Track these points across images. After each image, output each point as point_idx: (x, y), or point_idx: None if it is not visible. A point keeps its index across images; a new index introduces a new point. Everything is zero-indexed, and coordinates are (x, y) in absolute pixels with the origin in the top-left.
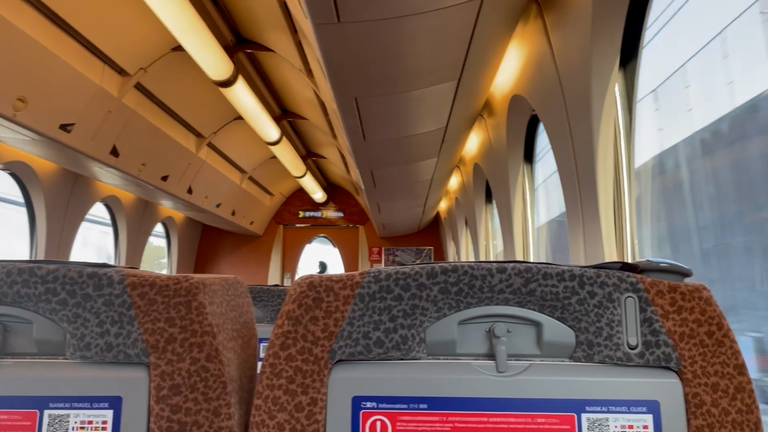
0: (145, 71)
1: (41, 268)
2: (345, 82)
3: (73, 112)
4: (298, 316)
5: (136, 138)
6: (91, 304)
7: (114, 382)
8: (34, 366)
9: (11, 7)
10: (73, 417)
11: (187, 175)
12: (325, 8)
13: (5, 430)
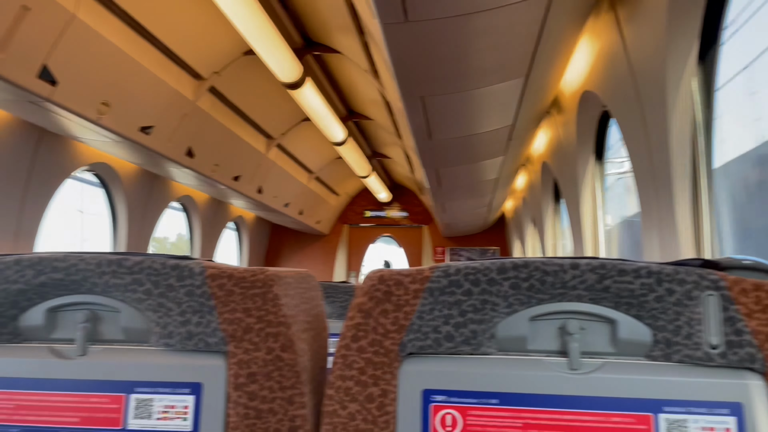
0: (218, 75)
1: (128, 259)
2: (411, 81)
3: (152, 115)
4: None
5: (209, 139)
6: (173, 294)
7: (195, 369)
8: (122, 352)
9: (98, 18)
10: (157, 401)
11: (257, 176)
12: (394, 8)
13: (96, 412)
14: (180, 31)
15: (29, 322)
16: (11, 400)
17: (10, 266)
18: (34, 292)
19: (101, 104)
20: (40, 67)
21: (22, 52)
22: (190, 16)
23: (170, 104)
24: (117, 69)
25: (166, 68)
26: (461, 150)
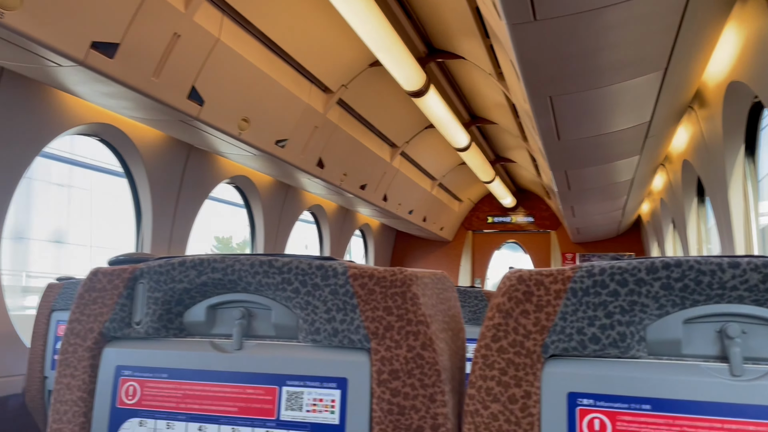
0: (346, 88)
1: (278, 260)
2: (539, 81)
3: (286, 129)
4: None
5: (338, 150)
6: (319, 293)
7: (340, 365)
8: (274, 347)
9: (238, 40)
10: (306, 394)
11: (382, 184)
12: (521, 7)
13: (252, 402)
14: (311, 47)
15: (193, 318)
16: (179, 389)
17: (175, 267)
18: (196, 290)
19: (242, 120)
20: (190, 88)
21: (174, 76)
22: (320, 33)
23: (302, 118)
24: (255, 87)
25: (299, 84)
26: (592, 150)
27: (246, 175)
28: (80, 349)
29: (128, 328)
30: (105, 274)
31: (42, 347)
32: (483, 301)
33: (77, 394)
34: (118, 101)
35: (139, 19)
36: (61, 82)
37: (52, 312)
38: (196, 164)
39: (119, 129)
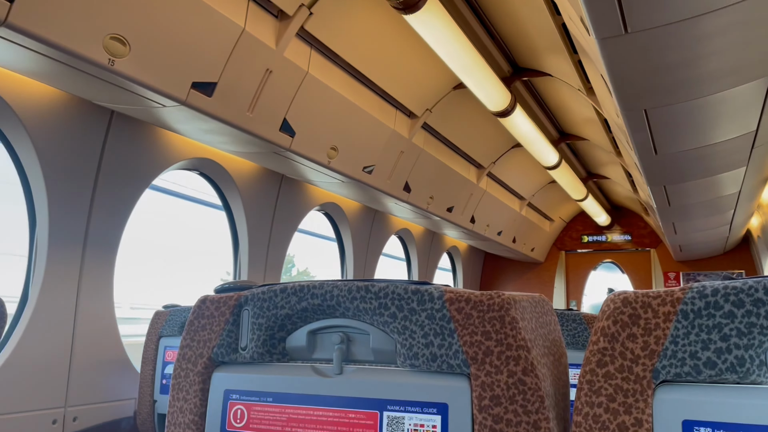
0: (430, 111)
1: (374, 285)
2: (632, 94)
3: (373, 155)
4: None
5: (424, 173)
6: (416, 317)
7: (440, 390)
8: (373, 372)
9: (326, 71)
10: (407, 419)
11: (469, 205)
12: (611, 21)
13: (354, 427)
14: (395, 74)
15: (294, 343)
16: (284, 413)
17: (277, 294)
18: (297, 316)
19: (330, 149)
20: (282, 121)
21: (267, 110)
22: (404, 60)
23: (388, 143)
24: (342, 116)
25: (384, 110)
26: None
27: (335, 201)
28: (191, 374)
29: (235, 353)
30: (212, 301)
31: (151, 372)
32: (582, 325)
33: (189, 417)
34: (216, 136)
35: (234, 58)
36: (164, 121)
37: (160, 338)
38: (288, 193)
39: (217, 163)
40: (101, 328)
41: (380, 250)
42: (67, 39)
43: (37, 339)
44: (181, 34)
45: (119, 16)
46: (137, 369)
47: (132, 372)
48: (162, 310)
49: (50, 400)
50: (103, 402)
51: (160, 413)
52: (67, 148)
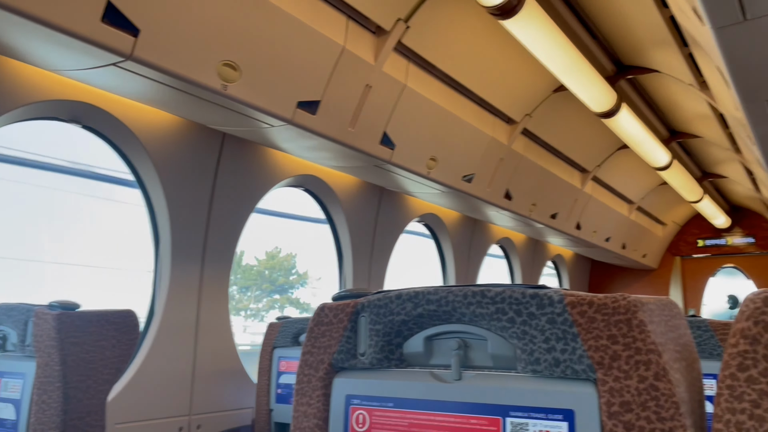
0: (530, 116)
1: (490, 290)
2: (753, 86)
3: (472, 164)
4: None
5: (525, 180)
6: (536, 321)
7: (564, 396)
8: (493, 378)
9: (423, 83)
10: (531, 426)
11: (574, 211)
12: (728, 8)
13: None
14: (493, 81)
15: (411, 349)
16: (405, 418)
17: (393, 300)
18: (413, 322)
19: (430, 160)
20: (382, 134)
21: (367, 124)
22: (501, 66)
23: (487, 151)
24: (440, 125)
25: (482, 118)
26: None
27: (434, 212)
28: (313, 379)
29: (354, 359)
30: (331, 309)
31: (267, 382)
32: (708, 332)
33: (313, 421)
34: (320, 153)
35: (336, 76)
36: (272, 140)
37: (274, 349)
38: (388, 205)
39: (320, 178)
40: (219, 339)
41: (481, 259)
42: (185, 68)
43: (163, 350)
44: (286, 56)
45: (230, 43)
46: (253, 379)
47: (249, 382)
48: (275, 321)
49: (177, 408)
50: (223, 411)
51: (277, 422)
52: (184, 171)
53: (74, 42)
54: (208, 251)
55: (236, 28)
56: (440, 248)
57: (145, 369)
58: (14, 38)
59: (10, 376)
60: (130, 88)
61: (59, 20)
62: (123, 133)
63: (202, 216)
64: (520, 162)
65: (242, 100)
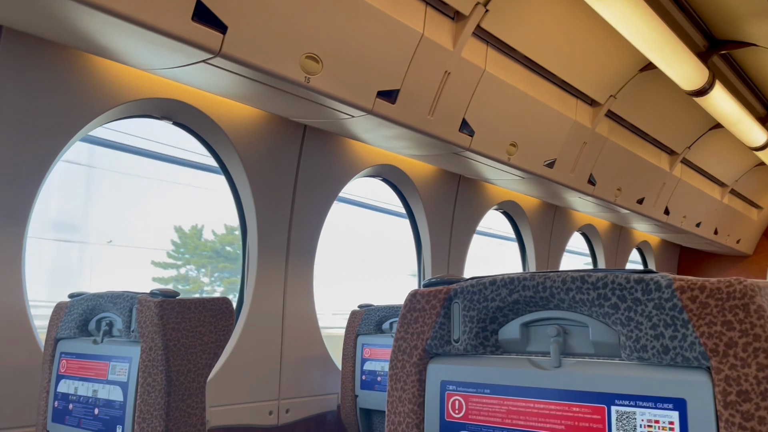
0: (614, 98)
1: (591, 276)
2: None
3: (554, 149)
4: None
5: (609, 164)
6: (641, 308)
7: (675, 384)
8: (597, 365)
9: (502, 67)
10: (639, 415)
11: (662, 196)
12: None
13: (579, 421)
14: (575, 62)
15: (507, 335)
16: (503, 405)
17: (486, 286)
18: (509, 308)
19: (510, 145)
20: (461, 121)
21: (446, 112)
22: (584, 46)
23: (570, 135)
24: (520, 110)
25: (564, 101)
26: None
27: (513, 199)
28: (408, 365)
29: (448, 345)
30: (423, 295)
31: (351, 369)
32: None
33: (408, 406)
34: (399, 142)
35: (415, 64)
36: (352, 131)
37: (358, 336)
38: (466, 193)
39: (398, 168)
40: (305, 327)
41: (563, 247)
42: (270, 62)
43: (253, 337)
44: (366, 46)
45: (312, 35)
46: (338, 366)
47: (334, 368)
48: (358, 309)
49: (267, 393)
50: (310, 396)
51: (362, 408)
52: (269, 164)
53: (167, 41)
54: (293, 242)
55: (318, 20)
56: (520, 236)
57: (237, 355)
58: (111, 39)
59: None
60: (217, 84)
61: (153, 20)
62: (211, 129)
63: (286, 207)
64: (605, 145)
65: (324, 92)
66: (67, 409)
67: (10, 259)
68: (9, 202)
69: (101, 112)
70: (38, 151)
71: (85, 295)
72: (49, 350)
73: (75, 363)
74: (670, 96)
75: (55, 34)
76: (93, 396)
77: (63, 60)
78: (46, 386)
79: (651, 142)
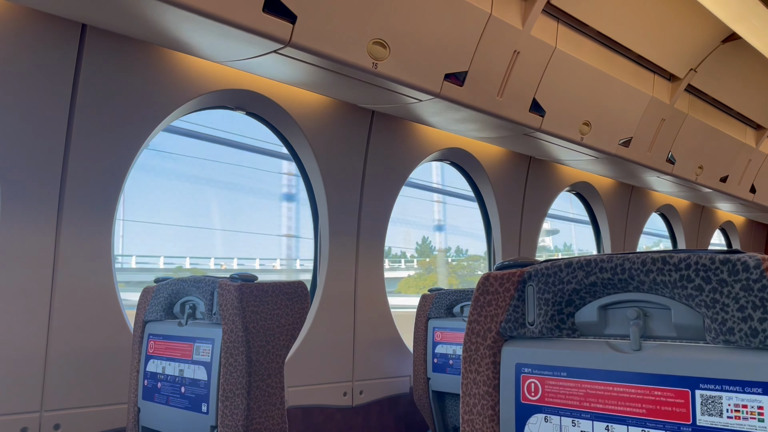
0: (695, 71)
1: (673, 256)
2: None
3: (630, 127)
4: None
5: (690, 141)
6: (728, 289)
7: (764, 368)
8: (679, 348)
9: (574, 44)
10: (726, 399)
11: (748, 173)
12: None
13: (661, 405)
14: (651, 35)
15: (584, 318)
16: (581, 388)
17: (562, 269)
18: (585, 291)
19: (583, 125)
20: (531, 101)
21: (516, 92)
22: (661, 17)
23: (647, 112)
24: (593, 88)
25: (640, 76)
26: None
27: (586, 180)
28: (482, 347)
29: (523, 328)
30: (496, 278)
31: (423, 352)
32: None
33: (483, 388)
34: (467, 124)
35: (483, 45)
36: (419, 115)
37: (429, 320)
38: (537, 175)
39: (467, 150)
40: (376, 310)
41: (641, 229)
42: (338, 49)
43: (326, 319)
44: (432, 29)
45: (379, 21)
46: (410, 349)
47: (406, 351)
48: (428, 293)
49: (341, 374)
50: (383, 378)
51: (434, 390)
52: (338, 150)
53: (239, 33)
54: (363, 226)
55: (384, 5)
56: (593, 218)
57: (311, 337)
58: (186, 34)
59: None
60: (287, 73)
61: (226, 13)
62: (282, 117)
63: (356, 192)
64: (685, 121)
65: (392, 77)
66: (156, 387)
67: (101, 247)
68: (98, 190)
69: (180, 104)
70: (123, 143)
71: (169, 280)
72: (138, 332)
73: (162, 344)
74: (755, 67)
75: (134, 31)
76: (179, 375)
77: (143, 55)
78: (136, 366)
79: (735, 117)
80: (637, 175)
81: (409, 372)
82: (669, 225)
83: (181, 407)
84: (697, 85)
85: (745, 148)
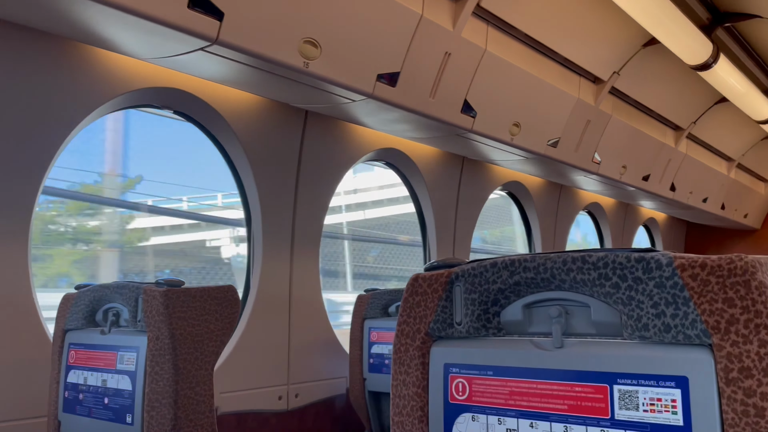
0: (618, 74)
1: (591, 255)
2: None
3: (558, 128)
4: None
5: (614, 142)
6: (642, 287)
7: (677, 362)
8: (598, 345)
9: (503, 46)
10: (641, 393)
11: (668, 172)
12: None
13: (582, 401)
14: (577, 39)
15: (509, 317)
16: (506, 386)
17: (488, 269)
18: (510, 290)
19: (513, 126)
20: (462, 102)
21: (447, 93)
22: (585, 23)
23: (573, 114)
24: (522, 90)
25: (567, 79)
26: None
27: (518, 180)
28: (411, 348)
29: (451, 328)
30: (424, 279)
31: (359, 352)
32: None
33: (412, 389)
34: (400, 125)
35: (415, 46)
36: (353, 115)
37: (365, 320)
38: (470, 175)
39: (401, 151)
40: (312, 312)
41: (569, 227)
42: (268, 48)
43: (260, 322)
44: (364, 29)
45: (310, 20)
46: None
47: (342, 353)
48: (364, 294)
49: (276, 378)
50: (319, 380)
51: (370, 390)
52: (271, 150)
53: (163, 30)
54: (297, 227)
55: (315, 4)
56: (525, 216)
57: (245, 341)
58: (108, 30)
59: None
60: (216, 71)
61: (149, 9)
62: (212, 116)
63: (290, 193)
64: (609, 123)
65: (324, 77)
66: (78, 399)
67: (17, 253)
68: (13, 195)
69: (102, 102)
70: (40, 145)
71: (91, 286)
72: (57, 341)
73: (83, 353)
74: (674, 71)
75: (50, 24)
76: (102, 386)
77: (60, 52)
78: (56, 377)
79: (656, 118)
80: (565, 174)
81: (346, 373)
82: (596, 222)
83: (105, 419)
84: (620, 88)
85: (665, 148)
